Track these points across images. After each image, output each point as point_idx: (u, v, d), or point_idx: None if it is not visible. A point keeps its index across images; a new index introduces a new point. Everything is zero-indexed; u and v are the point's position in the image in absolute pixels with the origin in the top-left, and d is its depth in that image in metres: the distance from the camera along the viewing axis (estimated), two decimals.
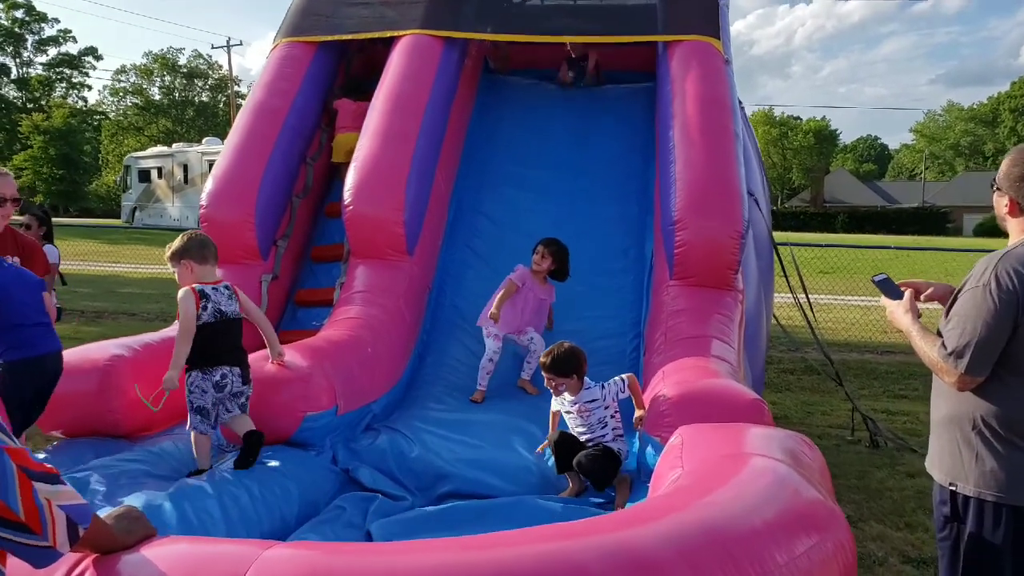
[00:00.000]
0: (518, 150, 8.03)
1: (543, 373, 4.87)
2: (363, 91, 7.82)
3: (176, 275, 4.76)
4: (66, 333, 12.85)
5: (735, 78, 7.28)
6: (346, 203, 6.52)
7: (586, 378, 4.88)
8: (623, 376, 4.89)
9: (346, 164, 6.88)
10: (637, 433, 4.86)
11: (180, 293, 4.65)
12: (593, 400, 4.80)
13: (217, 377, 4.60)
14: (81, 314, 15.13)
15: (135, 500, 3.73)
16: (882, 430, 8.23)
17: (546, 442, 4.95)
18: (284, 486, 4.35)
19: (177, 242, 4.76)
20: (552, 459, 4.88)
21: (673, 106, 6.85)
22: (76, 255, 22.46)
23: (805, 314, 8.55)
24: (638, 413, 4.83)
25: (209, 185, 6.89)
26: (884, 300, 3.52)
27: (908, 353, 13.21)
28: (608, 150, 7.83)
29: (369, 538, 4.09)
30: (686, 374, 4.83)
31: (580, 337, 5.59)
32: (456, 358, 6.45)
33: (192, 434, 4.62)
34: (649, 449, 4.57)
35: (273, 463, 4.51)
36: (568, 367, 4.77)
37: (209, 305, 4.64)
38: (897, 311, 3.42)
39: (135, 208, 43.00)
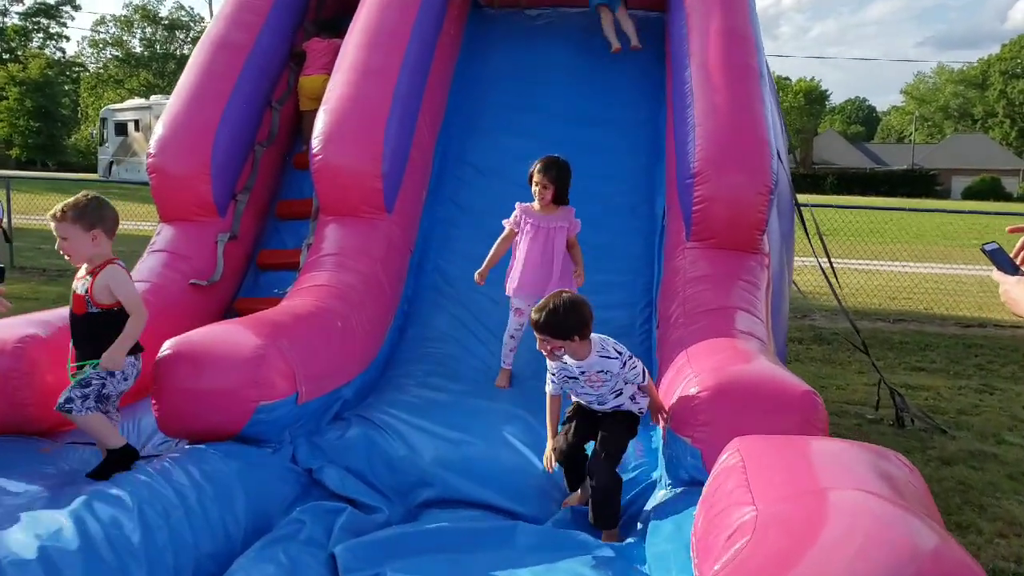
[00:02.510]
0: (511, 95, 7.16)
1: (534, 332, 3.78)
2: (336, 29, 6.92)
3: (66, 241, 3.84)
4: (23, 293, 12.05)
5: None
6: (314, 151, 5.68)
7: (596, 337, 3.84)
8: (645, 373, 3.93)
9: (314, 112, 6.03)
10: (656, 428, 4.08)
11: (110, 273, 3.86)
12: (605, 372, 3.81)
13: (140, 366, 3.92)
14: (43, 272, 14.44)
15: (21, 529, 2.88)
16: (911, 408, 7.49)
17: (550, 449, 4.05)
18: (229, 493, 3.53)
19: (85, 203, 3.86)
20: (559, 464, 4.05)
21: (689, 42, 6.03)
22: (47, 210, 21.55)
23: (829, 280, 7.77)
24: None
25: (159, 130, 6.03)
26: (996, 274, 2.67)
27: (922, 321, 12.69)
28: (613, 94, 6.98)
29: (333, 564, 3.28)
30: (719, 357, 4.03)
31: None
32: (442, 331, 5.65)
33: (82, 417, 3.81)
34: (676, 451, 3.78)
35: (216, 463, 3.68)
36: (567, 327, 3.69)
37: None
38: (1015, 290, 2.55)
39: (112, 162, 42.06)
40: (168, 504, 3.22)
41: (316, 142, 5.68)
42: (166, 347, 4.05)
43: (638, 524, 3.81)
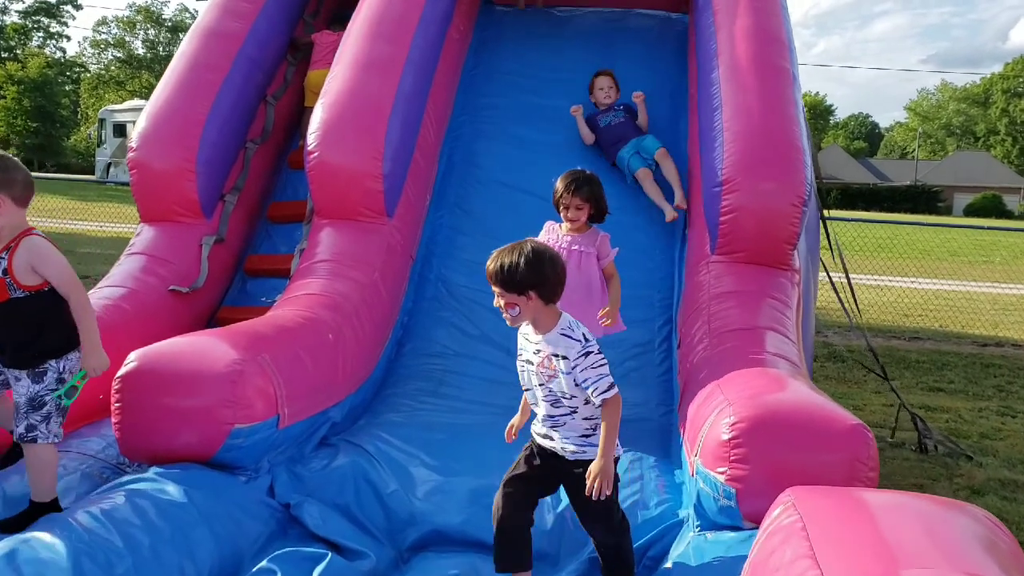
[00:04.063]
0: (522, 96, 6.71)
1: (489, 282, 3.14)
2: (345, 22, 6.49)
3: None
4: None
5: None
6: (310, 148, 5.24)
7: (568, 317, 3.16)
8: (610, 386, 3.06)
9: None
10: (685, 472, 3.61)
11: (28, 246, 3.28)
12: (560, 357, 3.08)
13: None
14: None
15: None
16: (933, 433, 7.08)
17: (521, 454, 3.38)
18: (190, 534, 3.06)
19: None
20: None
21: (717, 40, 5.63)
22: (41, 212, 21.32)
23: (844, 298, 7.38)
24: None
25: (141, 123, 5.59)
26: None
27: (938, 340, 12.27)
28: (629, 97, 6.51)
29: None
30: (755, 384, 3.59)
31: None
32: (444, 345, 5.21)
33: (44, 448, 3.30)
34: (705, 489, 3.33)
35: (177, 495, 3.20)
36: (521, 277, 3.02)
37: None
38: None
39: (110, 163, 41.73)
40: (112, 553, 2.74)
41: (312, 139, 5.25)
42: (131, 359, 3.61)
43: (665, 565, 3.39)
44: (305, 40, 6.86)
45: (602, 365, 3.06)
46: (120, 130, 41.53)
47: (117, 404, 3.55)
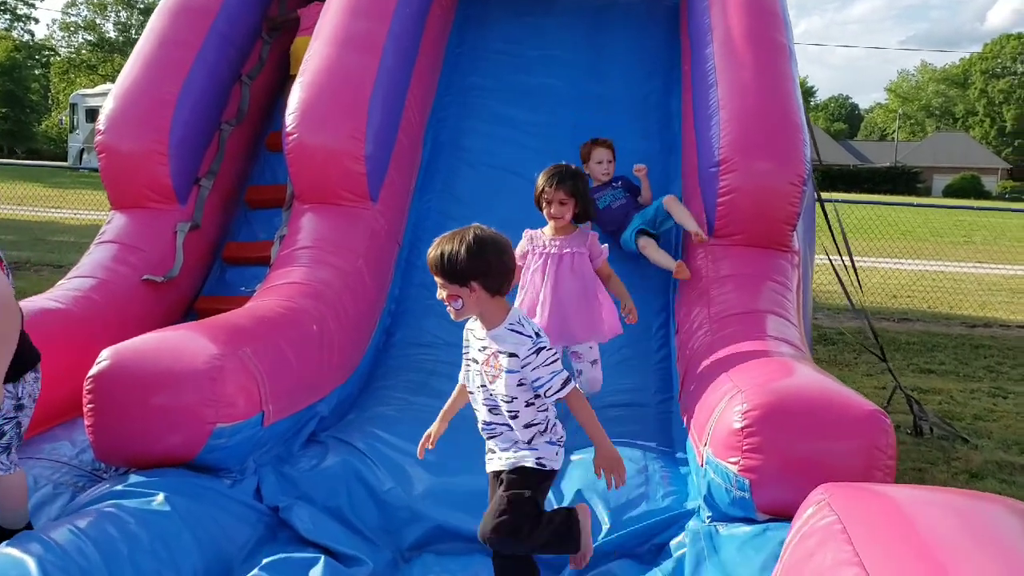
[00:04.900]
0: (509, 75, 6.47)
1: (431, 272, 2.90)
2: None
3: None
4: None
5: None
6: (288, 130, 5.01)
7: (517, 311, 2.95)
8: (565, 382, 2.87)
9: None
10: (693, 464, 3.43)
11: None
12: (509, 355, 2.86)
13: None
14: None
15: None
16: (929, 415, 6.98)
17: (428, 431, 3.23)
18: (171, 543, 2.86)
19: None
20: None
21: (711, 15, 5.46)
22: (12, 199, 20.89)
23: (844, 279, 7.25)
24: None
25: (108, 104, 5.34)
26: None
27: (927, 321, 12.20)
28: (621, 74, 6.33)
29: None
30: (765, 370, 3.44)
31: None
32: (433, 334, 5.01)
33: (9, 478, 3.03)
34: (716, 479, 3.17)
35: (158, 501, 2.99)
36: (463, 267, 2.79)
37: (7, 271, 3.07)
38: None
39: (83, 150, 41.12)
40: (89, 567, 2.53)
41: (290, 119, 5.02)
42: (103, 357, 3.38)
43: (676, 554, 3.26)
44: (284, 17, 6.59)
45: (554, 361, 2.86)
46: (92, 115, 40.86)
47: (90, 406, 3.33)
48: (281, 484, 3.53)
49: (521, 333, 2.85)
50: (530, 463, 2.92)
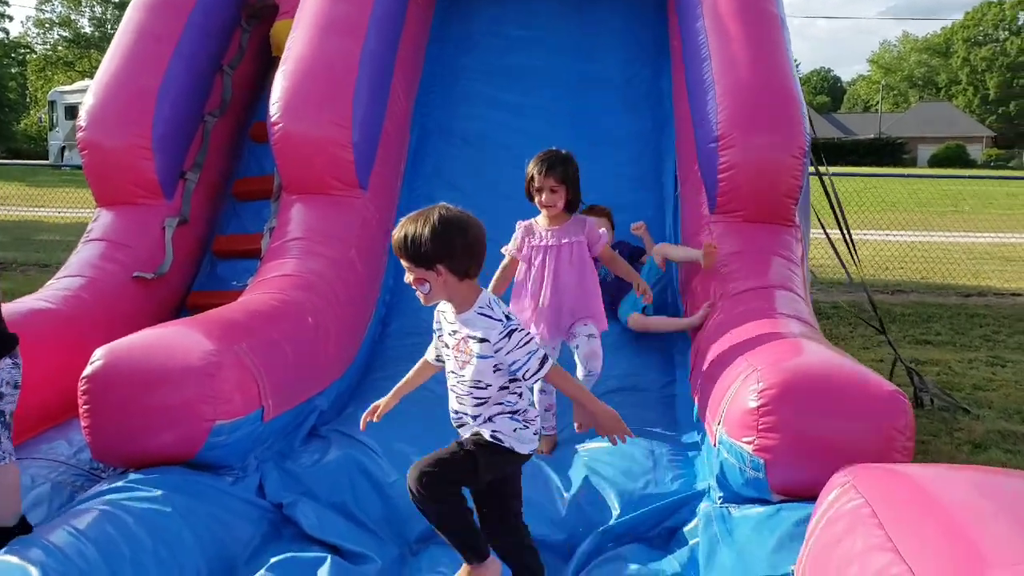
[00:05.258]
0: (495, 55, 6.38)
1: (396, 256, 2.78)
2: None
3: None
4: None
5: None
6: (273, 119, 4.90)
7: (488, 294, 2.80)
8: (542, 360, 2.74)
9: None
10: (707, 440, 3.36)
11: None
12: (479, 341, 2.75)
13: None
14: None
15: None
16: (929, 386, 6.94)
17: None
18: (173, 543, 2.78)
19: None
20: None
21: None
22: None
23: (839, 251, 7.18)
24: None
25: (89, 99, 5.21)
26: None
27: (922, 292, 12.17)
28: (610, 53, 6.24)
29: None
30: (779, 348, 3.35)
31: None
32: (430, 323, 4.85)
33: (3, 468, 2.92)
34: (730, 459, 3.10)
35: (157, 501, 2.91)
36: (428, 249, 2.65)
37: None
38: None
39: (64, 147, 40.83)
40: (89, 570, 2.46)
41: (274, 109, 4.91)
42: (97, 356, 3.29)
43: (690, 542, 3.21)
44: (262, 3, 6.45)
45: (528, 342, 2.72)
46: (72, 112, 40.62)
47: (85, 407, 3.25)
48: (284, 480, 3.45)
49: (491, 317, 2.73)
50: (487, 434, 2.79)
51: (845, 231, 7.24)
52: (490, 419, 2.80)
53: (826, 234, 7.63)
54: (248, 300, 4.09)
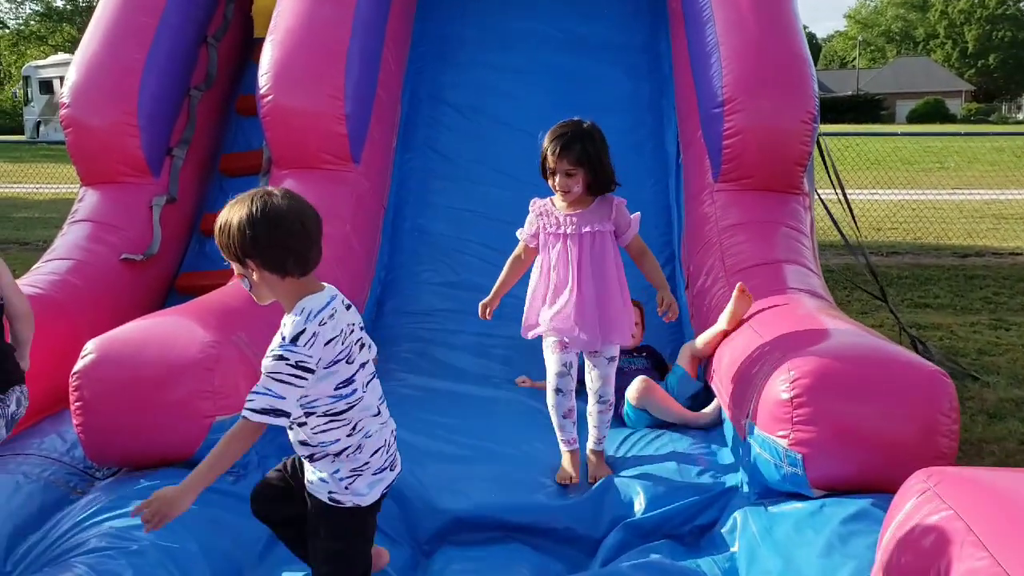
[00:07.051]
0: (487, 19, 6.17)
1: None
2: None
3: None
4: None
5: None
6: (263, 91, 4.73)
7: (308, 304, 2.34)
8: (263, 405, 2.29)
9: None
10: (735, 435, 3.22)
11: None
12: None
13: (12, 407, 2.95)
14: None
15: None
16: (934, 353, 6.80)
17: None
18: (174, 548, 2.65)
19: None
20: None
21: None
22: None
23: (835, 215, 7.01)
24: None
25: (72, 76, 5.02)
26: None
27: (916, 253, 12.04)
28: (607, 15, 6.04)
29: None
30: (808, 332, 3.18)
31: None
32: (428, 302, 4.82)
33: None
34: (764, 455, 2.95)
35: None
36: (235, 241, 2.27)
37: None
38: None
39: (39, 122, 40.33)
40: None
41: (263, 80, 4.74)
42: (88, 350, 3.15)
43: (728, 548, 2.99)
44: None
45: (278, 380, 2.25)
46: (47, 87, 40.14)
47: (77, 403, 3.10)
48: None
49: (282, 329, 2.31)
50: (323, 496, 2.40)
51: (840, 193, 7.06)
52: (317, 467, 2.41)
53: (818, 195, 7.47)
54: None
